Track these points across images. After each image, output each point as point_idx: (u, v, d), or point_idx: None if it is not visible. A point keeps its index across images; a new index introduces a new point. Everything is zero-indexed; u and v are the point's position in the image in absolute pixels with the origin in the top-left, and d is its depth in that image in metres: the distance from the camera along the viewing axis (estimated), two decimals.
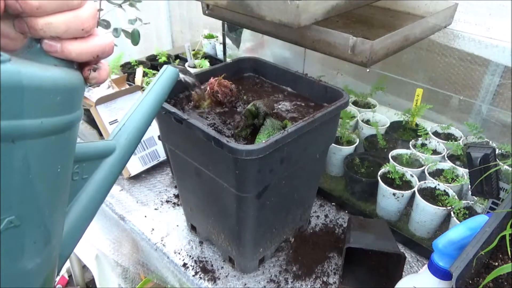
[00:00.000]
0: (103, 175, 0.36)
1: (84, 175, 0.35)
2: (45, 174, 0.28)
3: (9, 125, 0.23)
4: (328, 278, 0.80)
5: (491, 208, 0.68)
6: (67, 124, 0.28)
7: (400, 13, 0.94)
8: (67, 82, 0.28)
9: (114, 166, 0.37)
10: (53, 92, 0.26)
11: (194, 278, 0.80)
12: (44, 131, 0.26)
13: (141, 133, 0.41)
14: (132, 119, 0.41)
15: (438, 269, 0.53)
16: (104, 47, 0.30)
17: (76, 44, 0.28)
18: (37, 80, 0.25)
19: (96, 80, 0.32)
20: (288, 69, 0.84)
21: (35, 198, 0.27)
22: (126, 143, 0.39)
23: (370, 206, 0.95)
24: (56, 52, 0.28)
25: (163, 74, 0.47)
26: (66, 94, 0.27)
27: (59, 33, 0.27)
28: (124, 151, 0.39)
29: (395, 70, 1.15)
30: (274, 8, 0.63)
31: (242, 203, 0.66)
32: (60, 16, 0.27)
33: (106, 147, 0.37)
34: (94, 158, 0.36)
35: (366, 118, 1.12)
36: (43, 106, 0.25)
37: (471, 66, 1.01)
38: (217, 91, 0.73)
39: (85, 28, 0.28)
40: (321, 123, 0.66)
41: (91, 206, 0.36)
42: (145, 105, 0.43)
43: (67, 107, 0.28)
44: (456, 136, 1.03)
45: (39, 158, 0.26)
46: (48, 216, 0.29)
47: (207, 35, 1.70)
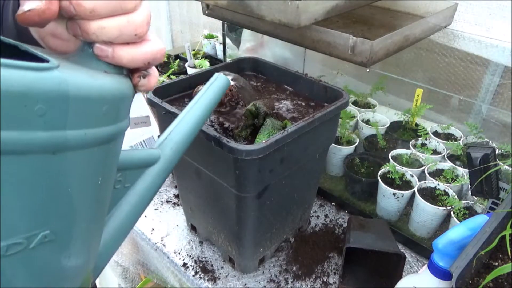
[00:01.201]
0: (146, 184, 0.35)
1: (126, 184, 0.34)
2: (84, 187, 0.26)
3: (51, 136, 0.22)
4: (328, 278, 0.80)
5: (491, 208, 0.68)
6: (112, 134, 0.26)
7: (400, 13, 0.94)
8: (115, 91, 0.26)
9: (158, 175, 0.36)
10: (100, 102, 0.25)
11: (194, 278, 0.80)
12: (87, 143, 0.24)
13: (186, 144, 0.39)
14: (179, 128, 0.39)
15: (438, 269, 0.53)
16: (156, 53, 0.29)
17: (128, 50, 0.27)
18: (84, 90, 0.23)
19: (146, 87, 0.31)
20: (288, 69, 0.84)
21: (72, 212, 0.26)
22: (171, 153, 0.37)
23: (370, 206, 0.95)
24: (107, 57, 0.27)
25: (214, 83, 0.45)
26: (113, 104, 0.26)
27: (111, 37, 0.26)
28: (168, 161, 0.37)
29: (395, 70, 1.15)
30: (274, 8, 0.63)
31: (242, 203, 0.66)
32: (114, 20, 0.26)
33: (150, 156, 0.36)
34: (137, 166, 0.34)
35: (366, 118, 1.12)
36: (88, 117, 0.24)
37: (471, 66, 1.01)
38: None
39: (138, 33, 0.27)
40: (321, 123, 0.66)
41: (132, 215, 0.34)
42: (193, 115, 0.41)
43: (113, 117, 0.26)
44: (456, 136, 1.03)
45: (79, 170, 0.25)
46: (85, 229, 0.28)
47: (207, 35, 1.70)
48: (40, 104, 0.21)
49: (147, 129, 1.09)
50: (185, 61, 1.50)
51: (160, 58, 0.30)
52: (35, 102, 0.20)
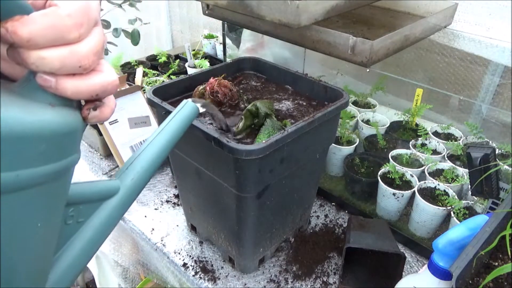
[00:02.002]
0: (103, 218, 0.32)
1: (80, 219, 0.31)
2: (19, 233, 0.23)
3: None
4: (328, 278, 0.80)
5: (491, 208, 0.68)
6: (53, 173, 0.24)
7: (400, 13, 0.94)
8: (56, 127, 0.24)
9: (116, 209, 0.33)
10: (36, 140, 0.22)
11: (194, 278, 0.80)
12: (20, 185, 0.21)
13: (149, 174, 0.37)
14: (142, 157, 0.37)
15: (438, 269, 0.53)
16: (105, 85, 0.27)
17: (73, 82, 0.25)
18: (16, 128, 0.21)
19: (97, 119, 0.28)
20: (288, 69, 0.84)
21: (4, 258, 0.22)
22: (131, 183, 0.35)
23: (370, 206, 0.95)
24: (50, 88, 0.25)
25: (181, 111, 0.42)
26: (54, 141, 0.23)
27: (53, 68, 0.24)
28: (128, 193, 0.34)
29: (395, 70, 1.15)
30: (274, 8, 0.63)
31: (242, 203, 0.66)
32: (55, 51, 0.24)
33: (107, 187, 0.33)
34: (93, 200, 0.32)
35: (366, 118, 1.12)
36: (21, 157, 0.21)
37: (471, 66, 1.01)
38: (217, 91, 0.73)
39: (83, 65, 0.25)
40: (321, 123, 0.66)
41: (86, 252, 0.31)
42: (157, 145, 0.38)
43: (55, 154, 0.24)
44: (456, 136, 1.03)
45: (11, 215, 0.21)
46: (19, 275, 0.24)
47: (207, 35, 1.70)
48: None
49: (147, 129, 1.09)
50: (185, 61, 1.50)
51: (111, 90, 0.27)
52: None
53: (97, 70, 0.27)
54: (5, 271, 0.23)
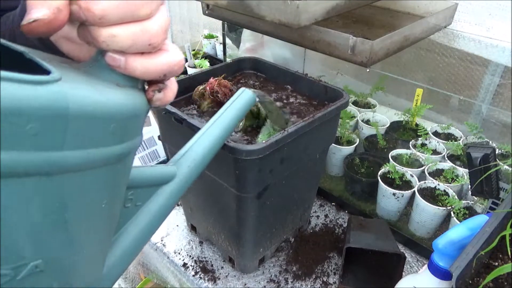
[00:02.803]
0: (159, 203, 0.32)
1: (137, 202, 0.31)
2: (85, 212, 0.23)
3: (45, 157, 0.19)
4: (328, 278, 0.80)
5: (491, 208, 0.68)
6: (119, 154, 0.24)
7: (400, 13, 0.94)
8: (125, 108, 0.24)
9: (172, 194, 0.33)
10: (106, 120, 0.22)
11: (194, 278, 0.80)
12: (89, 164, 0.22)
13: (205, 162, 0.37)
14: (198, 145, 0.37)
15: (438, 269, 0.53)
16: (173, 65, 0.26)
17: (142, 61, 0.25)
18: (87, 107, 0.21)
19: (161, 102, 0.28)
20: (288, 69, 0.84)
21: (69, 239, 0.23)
22: (188, 171, 0.35)
23: (370, 206, 0.95)
24: (119, 68, 0.24)
25: (238, 99, 0.42)
26: (121, 122, 0.23)
27: (123, 47, 0.24)
28: (184, 179, 0.34)
29: (395, 70, 1.15)
30: (274, 8, 0.63)
31: (242, 203, 0.66)
32: (126, 28, 0.23)
33: (165, 173, 0.33)
34: (151, 184, 0.32)
35: (366, 118, 1.12)
36: (91, 136, 0.21)
37: (471, 66, 1.01)
38: (217, 91, 0.73)
39: (153, 43, 0.24)
40: (321, 123, 0.66)
41: (142, 235, 0.32)
42: (214, 132, 0.38)
43: (121, 135, 0.24)
44: (456, 136, 1.03)
45: (79, 194, 0.22)
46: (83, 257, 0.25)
47: (207, 35, 1.70)
48: (32, 123, 0.18)
49: (147, 129, 1.09)
50: (185, 61, 1.50)
51: (178, 70, 0.27)
52: (27, 120, 0.18)
53: (164, 49, 0.26)
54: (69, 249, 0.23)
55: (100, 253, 0.28)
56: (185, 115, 0.64)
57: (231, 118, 0.40)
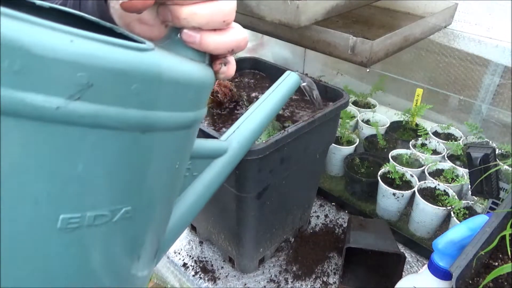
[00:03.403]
0: (212, 174, 0.36)
1: (194, 172, 0.35)
2: (165, 169, 0.27)
3: (142, 115, 0.22)
4: (328, 278, 0.80)
5: (491, 208, 0.68)
6: (192, 120, 0.27)
7: (400, 13, 0.94)
8: (200, 78, 0.27)
9: (224, 167, 0.37)
10: (187, 88, 0.25)
11: (194, 278, 0.80)
12: (172, 125, 0.25)
13: (253, 139, 0.40)
14: (247, 123, 0.40)
15: (438, 269, 0.53)
16: (240, 41, 0.29)
17: (215, 37, 0.27)
18: (175, 74, 0.24)
19: (225, 74, 0.31)
20: (288, 69, 0.84)
21: (152, 191, 0.26)
22: (238, 146, 0.38)
23: (370, 206, 0.95)
24: (194, 43, 0.27)
25: (285, 80, 0.46)
26: (197, 90, 0.27)
27: (201, 23, 0.26)
28: (234, 154, 0.38)
29: (395, 70, 1.15)
30: (274, 8, 0.63)
31: (242, 203, 0.66)
32: (205, 6, 0.26)
33: (218, 147, 0.37)
34: (206, 156, 0.36)
35: (366, 118, 1.12)
36: (176, 100, 0.25)
37: (471, 66, 1.01)
38: (217, 91, 0.73)
39: (227, 20, 0.27)
40: (321, 123, 0.66)
41: (196, 204, 0.36)
42: (262, 110, 0.42)
43: (196, 103, 0.27)
44: (456, 136, 1.03)
45: (163, 152, 0.26)
46: (160, 210, 0.29)
47: None
48: (136, 83, 0.21)
49: None
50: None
51: (243, 46, 0.30)
52: (133, 80, 0.21)
53: (232, 27, 0.28)
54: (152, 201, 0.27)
55: (169, 212, 0.32)
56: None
57: (278, 99, 0.44)
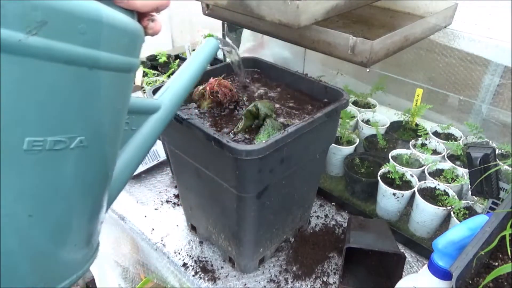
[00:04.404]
0: (149, 129, 0.41)
1: (133, 127, 0.40)
2: (110, 106, 0.31)
3: (88, 53, 0.26)
4: (328, 278, 0.80)
5: (491, 208, 0.68)
6: (130, 66, 0.31)
7: (400, 13, 0.94)
8: (133, 28, 0.31)
9: (159, 122, 0.42)
10: (124, 33, 0.30)
11: (194, 278, 0.80)
12: (114, 66, 0.29)
13: (182, 97, 0.46)
14: (176, 83, 0.46)
15: (438, 269, 0.53)
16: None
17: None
18: (113, 19, 0.28)
19: (153, 30, 0.35)
20: (288, 69, 0.84)
21: (101, 125, 0.30)
22: (170, 103, 0.44)
23: (370, 206, 0.95)
24: (122, 2, 0.31)
25: (205, 45, 0.52)
26: (132, 38, 0.31)
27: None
28: (168, 110, 0.43)
29: (395, 70, 1.15)
30: (274, 8, 0.63)
31: (242, 203, 0.66)
32: None
33: (152, 104, 0.42)
34: (142, 112, 0.40)
35: (366, 118, 1.12)
36: (115, 43, 0.29)
37: (471, 66, 1.01)
38: (217, 91, 0.73)
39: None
40: (321, 123, 0.66)
41: (137, 157, 0.40)
42: (188, 72, 0.48)
43: (131, 50, 0.31)
44: (456, 136, 1.03)
45: (107, 89, 0.29)
46: (108, 148, 0.33)
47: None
48: (82, 23, 0.26)
49: None
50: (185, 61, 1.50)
51: (166, 3, 0.34)
52: (79, 21, 0.25)
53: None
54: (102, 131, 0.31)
55: (115, 154, 0.36)
56: (185, 115, 0.64)
57: (201, 61, 0.51)
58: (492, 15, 0.84)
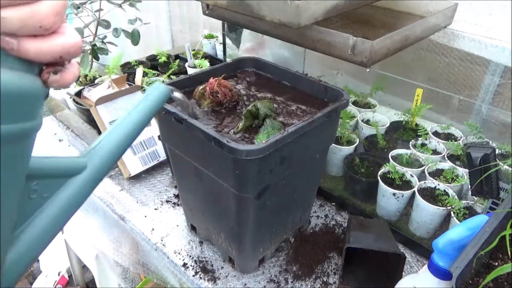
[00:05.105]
0: (69, 195, 0.32)
1: (44, 194, 0.31)
2: None
3: None
4: (328, 278, 0.80)
5: (491, 208, 0.68)
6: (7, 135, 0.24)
7: (400, 13, 0.94)
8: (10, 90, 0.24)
9: (82, 186, 0.33)
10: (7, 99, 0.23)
11: (194, 278, 0.80)
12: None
13: (118, 154, 0.37)
14: (110, 137, 0.37)
15: (438, 269, 0.53)
16: (68, 47, 0.27)
17: (35, 43, 0.25)
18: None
19: (58, 83, 0.28)
20: (288, 69, 0.84)
21: None
22: (99, 162, 0.35)
23: (370, 206, 0.95)
24: (12, 50, 0.25)
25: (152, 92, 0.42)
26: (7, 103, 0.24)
27: (13, 29, 0.24)
28: (95, 171, 0.34)
29: (395, 70, 1.15)
30: (274, 8, 0.63)
31: (242, 203, 0.66)
32: (15, 11, 0.24)
33: (73, 164, 0.33)
34: (57, 175, 0.32)
35: (366, 118, 1.12)
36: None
37: (471, 66, 1.01)
38: (217, 91, 0.73)
39: (44, 25, 0.25)
40: (321, 123, 0.66)
41: (50, 228, 0.31)
42: (127, 125, 0.38)
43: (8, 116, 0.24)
44: (456, 136, 1.03)
45: None
46: None
47: (207, 35, 1.70)
48: None
49: (147, 129, 1.09)
50: (185, 61, 1.50)
51: (74, 52, 0.27)
52: None
53: (59, 32, 0.27)
54: None
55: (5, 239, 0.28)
56: (185, 115, 0.64)
57: (145, 111, 0.40)
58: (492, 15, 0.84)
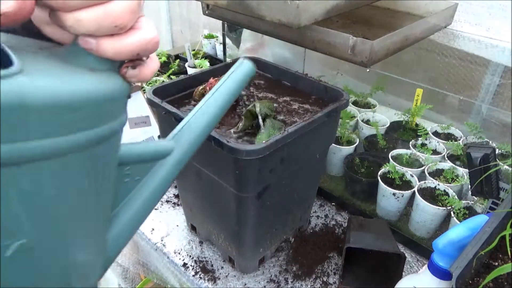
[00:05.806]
0: (158, 177, 0.33)
1: (136, 177, 0.33)
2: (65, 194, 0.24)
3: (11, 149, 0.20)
4: (328, 278, 0.80)
5: (491, 208, 0.68)
6: (96, 139, 0.24)
7: (400, 13, 0.94)
8: (95, 94, 0.24)
9: (170, 168, 0.34)
10: (71, 109, 0.22)
11: (194, 278, 0.80)
12: (59, 151, 0.22)
13: (204, 135, 0.37)
14: (196, 118, 0.36)
15: (438, 269, 0.53)
16: (145, 43, 0.26)
17: (112, 42, 0.25)
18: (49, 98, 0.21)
19: (137, 78, 0.28)
20: (288, 69, 0.84)
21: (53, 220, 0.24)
22: (186, 144, 0.35)
23: (370, 206, 0.95)
24: (92, 50, 0.25)
25: (238, 69, 0.40)
26: (90, 108, 0.24)
27: (90, 30, 0.24)
28: (183, 152, 0.35)
29: (395, 70, 1.15)
30: (274, 8, 0.63)
31: (242, 203, 0.66)
32: (90, 12, 0.24)
33: (160, 149, 0.34)
34: (146, 160, 0.33)
35: (366, 118, 1.12)
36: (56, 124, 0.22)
37: (471, 66, 1.01)
38: None
39: (119, 24, 0.25)
40: (321, 123, 0.66)
41: (143, 208, 0.33)
42: (213, 104, 0.37)
43: (92, 121, 0.24)
44: (456, 136, 1.03)
45: (55, 179, 0.23)
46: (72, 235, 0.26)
47: (207, 35, 1.70)
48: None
49: (147, 129, 1.09)
50: (185, 61, 1.50)
51: (152, 48, 0.27)
52: None
53: (136, 28, 0.26)
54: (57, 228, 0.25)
55: (97, 229, 0.30)
56: (185, 115, 0.64)
57: (231, 89, 0.38)
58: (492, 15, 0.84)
